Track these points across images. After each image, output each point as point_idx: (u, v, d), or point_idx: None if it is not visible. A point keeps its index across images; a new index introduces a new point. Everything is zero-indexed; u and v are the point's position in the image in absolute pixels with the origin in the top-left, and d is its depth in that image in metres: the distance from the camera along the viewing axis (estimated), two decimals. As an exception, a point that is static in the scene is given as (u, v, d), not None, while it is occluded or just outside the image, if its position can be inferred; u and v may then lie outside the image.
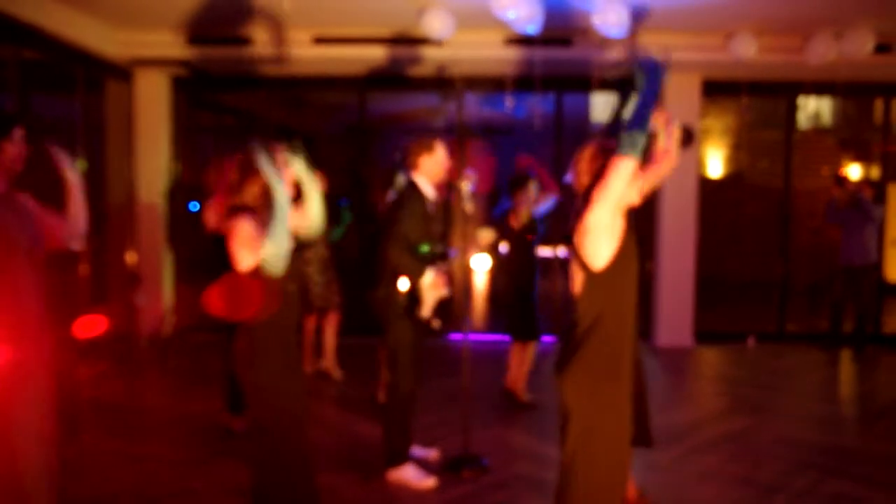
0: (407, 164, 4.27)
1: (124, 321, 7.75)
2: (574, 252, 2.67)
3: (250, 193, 2.98)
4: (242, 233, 2.89)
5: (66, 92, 7.28)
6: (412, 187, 4.25)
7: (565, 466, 2.68)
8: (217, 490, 4.10)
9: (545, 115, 8.52)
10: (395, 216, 4.15)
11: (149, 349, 7.48)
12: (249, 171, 2.96)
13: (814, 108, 12.42)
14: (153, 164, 7.96)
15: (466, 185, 4.29)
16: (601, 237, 2.55)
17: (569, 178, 2.84)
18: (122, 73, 7.71)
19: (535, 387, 6.10)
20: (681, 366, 7.23)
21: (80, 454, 4.61)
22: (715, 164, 11.62)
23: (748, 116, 11.28)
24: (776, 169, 8.97)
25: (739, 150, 11.59)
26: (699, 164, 8.32)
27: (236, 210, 2.97)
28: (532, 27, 5.80)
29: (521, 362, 5.71)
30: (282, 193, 2.87)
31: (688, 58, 7.16)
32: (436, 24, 6.11)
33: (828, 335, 8.03)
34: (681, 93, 7.83)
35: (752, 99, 10.87)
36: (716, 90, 8.00)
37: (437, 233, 4.40)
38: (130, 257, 7.98)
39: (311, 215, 3.18)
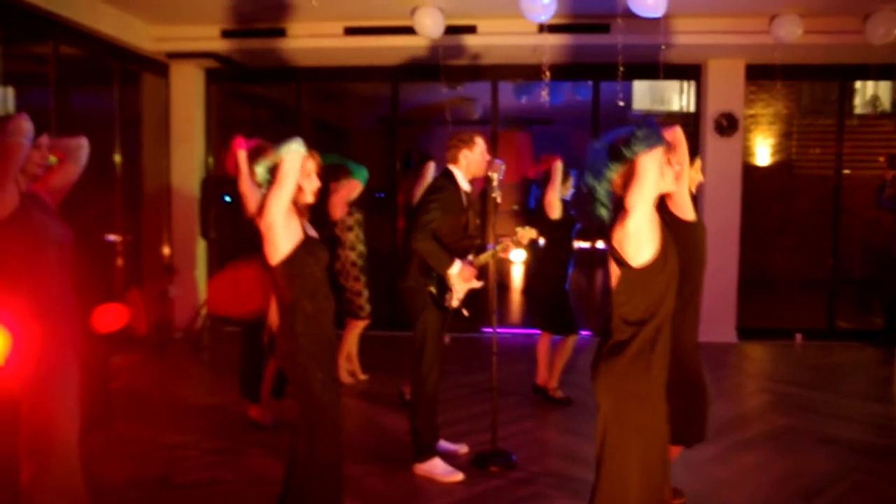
0: (447, 157, 4.24)
1: (158, 312, 7.83)
2: (611, 249, 2.59)
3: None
4: (268, 208, 2.89)
5: (103, 86, 7.37)
6: (447, 179, 4.20)
7: (597, 465, 2.62)
8: (242, 479, 4.09)
9: (582, 104, 8.36)
10: (425, 206, 4.08)
11: (182, 339, 7.52)
12: (258, 156, 2.99)
13: (872, 92, 11.93)
14: (188, 156, 8.02)
15: (496, 176, 4.17)
16: (643, 240, 2.50)
17: None
18: (157, 66, 7.77)
19: (570, 383, 5.96)
20: (722, 362, 6.99)
21: (111, 441, 4.64)
22: (763, 152, 11.25)
23: (786, 102, 10.92)
24: (828, 157, 8.61)
25: (789, 139, 11.21)
26: (743, 152, 8.04)
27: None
28: (545, 16, 5.67)
29: (555, 357, 5.57)
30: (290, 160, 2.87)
31: (730, 42, 6.90)
32: (427, 21, 6.07)
33: (882, 332, 7.69)
34: (723, 78, 7.57)
35: (802, 84, 10.49)
36: (762, 75, 7.70)
37: (474, 226, 4.31)
38: (165, 249, 8.05)
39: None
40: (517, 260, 12.94)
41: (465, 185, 4.23)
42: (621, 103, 7.00)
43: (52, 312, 2.89)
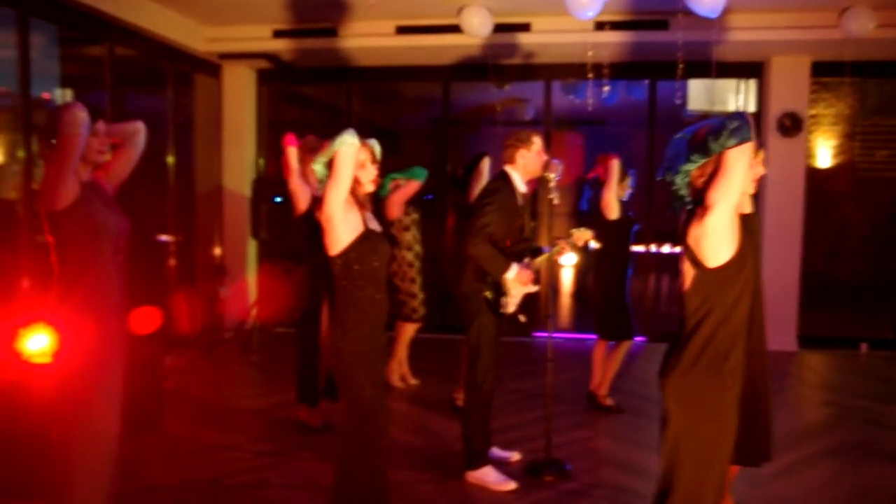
0: (504, 157, 4.14)
1: (209, 313, 7.88)
2: (686, 249, 2.44)
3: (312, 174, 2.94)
4: (328, 202, 2.86)
5: (157, 88, 7.44)
6: (503, 180, 4.10)
7: (662, 473, 2.49)
8: (291, 483, 4.04)
9: (636, 104, 8.15)
10: (480, 209, 3.98)
11: (232, 340, 7.54)
12: (310, 152, 2.92)
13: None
14: (239, 157, 8.06)
15: (553, 177, 4.05)
16: (722, 239, 2.35)
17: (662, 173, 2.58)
18: (210, 67, 7.82)
19: (624, 391, 5.78)
20: (783, 371, 6.72)
21: (160, 443, 4.64)
22: (824, 154, 10.85)
23: (850, 101, 10.48)
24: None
25: (852, 140, 10.78)
26: (807, 154, 7.73)
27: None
28: (592, 13, 5.51)
29: (607, 363, 5.40)
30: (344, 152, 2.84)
31: (795, 37, 6.63)
32: (473, 20, 5.94)
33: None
34: (788, 76, 7.29)
35: (867, 83, 10.08)
36: (827, 72, 7.39)
37: (529, 228, 4.19)
38: (216, 249, 8.10)
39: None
40: (568, 264, 12.74)
41: (521, 186, 4.12)
42: (679, 101, 6.77)
43: (104, 307, 2.88)
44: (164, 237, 7.38)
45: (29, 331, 4.12)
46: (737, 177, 2.30)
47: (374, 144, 3.10)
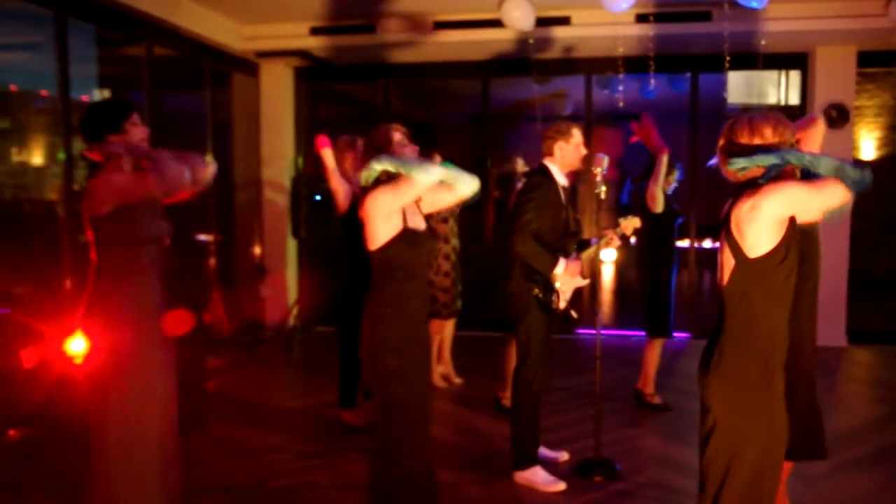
0: (543, 149, 4.07)
1: (251, 312, 7.92)
2: (728, 237, 2.34)
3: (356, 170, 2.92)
4: (374, 205, 2.83)
5: (195, 87, 7.49)
6: (543, 174, 4.03)
7: (706, 477, 2.40)
8: (338, 485, 4.02)
9: (677, 97, 8.01)
10: (522, 206, 3.92)
11: (274, 340, 7.57)
12: (371, 154, 2.89)
13: None
14: (278, 155, 8.08)
15: (600, 171, 3.98)
16: (769, 228, 2.27)
17: (714, 161, 2.50)
18: (248, 66, 7.86)
19: (670, 387, 5.69)
20: (833, 367, 6.56)
21: (204, 444, 4.64)
22: (868, 146, 10.60)
23: (894, 92, 10.20)
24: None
25: (896, 131, 10.51)
26: (852, 146, 7.54)
27: (366, 188, 2.89)
28: (625, 5, 5.41)
29: (646, 361, 5.32)
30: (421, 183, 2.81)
31: (841, 27, 6.46)
32: (515, 13, 5.86)
33: None
34: (834, 66, 7.11)
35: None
36: (873, 62, 7.19)
37: (573, 221, 4.13)
38: (256, 249, 8.14)
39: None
40: (608, 259, 12.60)
41: (561, 179, 4.04)
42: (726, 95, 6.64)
43: (143, 309, 2.87)
44: (203, 237, 7.43)
45: (72, 332, 4.16)
46: (810, 194, 2.23)
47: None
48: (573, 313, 4.12)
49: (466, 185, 2.91)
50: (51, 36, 5.40)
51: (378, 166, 2.81)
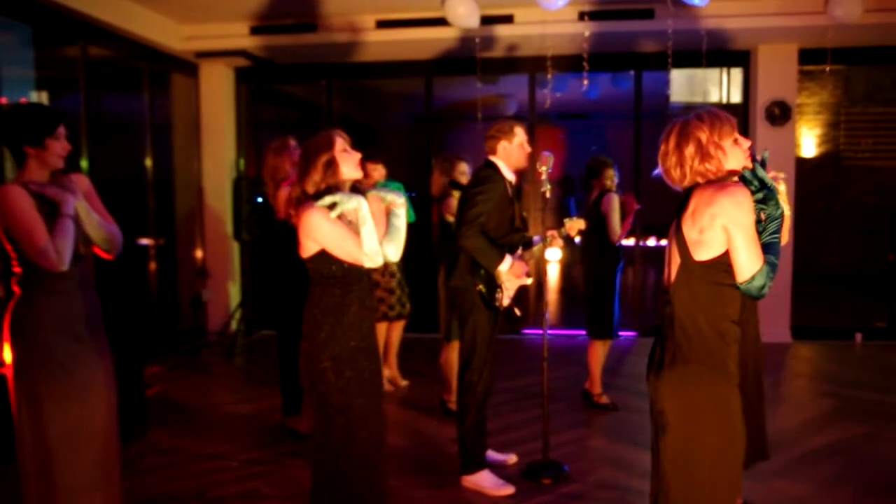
0: (486, 148, 4.01)
1: (192, 317, 7.69)
2: (677, 236, 2.29)
3: (312, 181, 2.76)
4: (307, 224, 2.72)
5: (133, 90, 7.25)
6: (491, 170, 3.96)
7: (664, 483, 2.34)
8: (281, 493, 3.88)
9: (621, 96, 8.04)
10: (471, 199, 3.84)
11: (216, 345, 7.35)
12: (312, 158, 2.76)
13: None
14: (219, 157, 7.87)
15: (545, 169, 3.92)
16: (720, 233, 2.21)
17: (658, 172, 2.45)
18: (187, 67, 7.64)
19: (618, 387, 5.68)
20: (778, 363, 6.64)
21: (145, 452, 4.48)
22: (809, 143, 10.82)
23: (833, 89, 10.44)
24: (883, 148, 8.18)
25: (836, 128, 10.75)
26: (794, 143, 7.66)
27: (302, 200, 2.78)
28: (562, 2, 5.40)
29: (591, 362, 5.29)
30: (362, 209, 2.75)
31: (782, 24, 6.54)
32: (459, 10, 5.81)
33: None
34: (776, 64, 7.21)
35: (850, 71, 10.01)
36: (813, 60, 7.31)
37: (520, 219, 4.07)
38: (198, 252, 7.91)
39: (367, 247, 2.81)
40: (553, 259, 12.62)
41: (509, 175, 3.98)
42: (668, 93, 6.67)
43: (71, 321, 2.77)
44: (144, 241, 7.19)
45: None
46: (746, 258, 2.21)
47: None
48: (517, 311, 4.06)
49: (392, 253, 2.88)
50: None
51: (329, 200, 2.70)
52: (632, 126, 7.78)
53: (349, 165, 2.80)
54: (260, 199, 6.72)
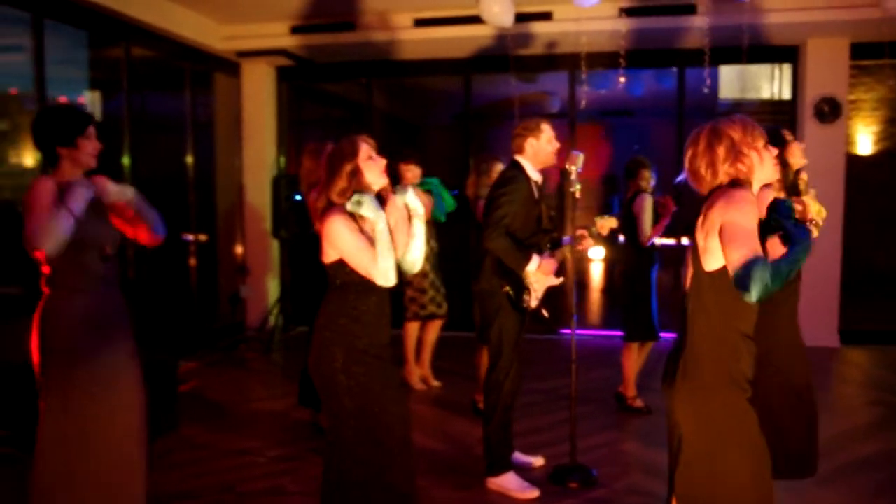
0: (513, 147, 3.96)
1: (230, 313, 7.80)
2: (693, 244, 2.27)
3: (337, 189, 2.74)
4: (328, 231, 2.72)
5: (176, 90, 7.39)
6: (515, 170, 3.91)
7: (686, 490, 2.27)
8: (305, 489, 3.89)
9: (666, 93, 7.88)
10: (496, 201, 3.80)
11: (254, 341, 7.45)
12: (336, 166, 2.74)
13: None
14: (259, 155, 7.97)
15: (574, 168, 3.84)
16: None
17: (683, 177, 2.39)
18: (229, 66, 7.75)
19: (654, 389, 5.55)
20: (825, 368, 6.41)
21: (176, 448, 4.54)
22: (864, 141, 10.43)
23: (893, 84, 10.02)
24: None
25: (894, 125, 10.33)
26: (847, 141, 7.39)
27: (327, 207, 2.77)
28: None
29: (633, 363, 5.18)
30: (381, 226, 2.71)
31: (832, 18, 6.31)
32: (494, 8, 5.74)
33: None
34: (825, 59, 6.96)
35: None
36: (867, 55, 7.03)
37: (548, 218, 4.00)
38: (238, 249, 8.02)
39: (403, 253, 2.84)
40: (596, 258, 12.45)
41: (534, 175, 3.93)
42: (707, 90, 6.50)
43: (96, 319, 2.83)
44: (189, 236, 7.32)
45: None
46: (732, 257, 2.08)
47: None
48: (545, 312, 4.01)
49: (411, 264, 2.89)
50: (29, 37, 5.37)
51: (356, 200, 2.68)
52: (675, 123, 7.61)
53: (374, 173, 2.77)
54: (298, 197, 6.76)
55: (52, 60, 5.58)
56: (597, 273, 11.88)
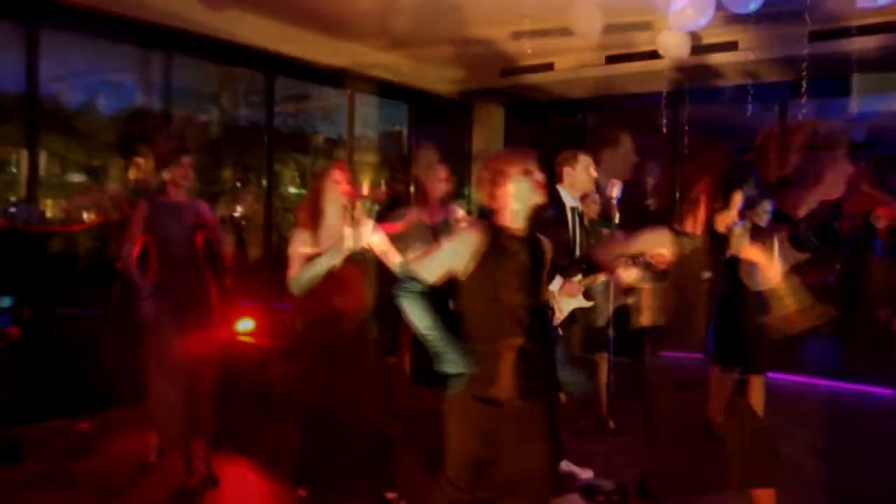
0: (555, 177, 4.29)
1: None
2: None
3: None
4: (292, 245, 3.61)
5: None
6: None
7: None
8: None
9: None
10: None
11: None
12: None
13: None
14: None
15: (614, 196, 4.07)
16: None
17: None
18: (458, 105, 8.86)
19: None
20: None
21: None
22: None
23: None
24: None
25: None
26: None
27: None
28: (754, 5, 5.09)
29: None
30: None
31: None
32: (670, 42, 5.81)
33: None
34: None
35: None
36: None
37: (584, 243, 4.25)
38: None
39: None
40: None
41: (570, 201, 4.22)
42: None
43: (168, 298, 3.93)
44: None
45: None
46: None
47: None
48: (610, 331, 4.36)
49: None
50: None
51: None
52: None
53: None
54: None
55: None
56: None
